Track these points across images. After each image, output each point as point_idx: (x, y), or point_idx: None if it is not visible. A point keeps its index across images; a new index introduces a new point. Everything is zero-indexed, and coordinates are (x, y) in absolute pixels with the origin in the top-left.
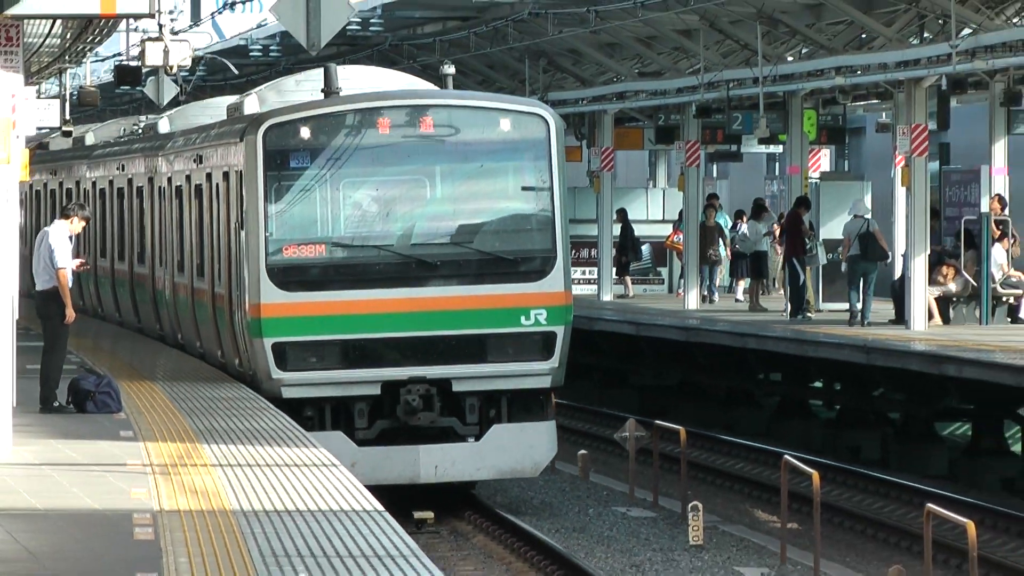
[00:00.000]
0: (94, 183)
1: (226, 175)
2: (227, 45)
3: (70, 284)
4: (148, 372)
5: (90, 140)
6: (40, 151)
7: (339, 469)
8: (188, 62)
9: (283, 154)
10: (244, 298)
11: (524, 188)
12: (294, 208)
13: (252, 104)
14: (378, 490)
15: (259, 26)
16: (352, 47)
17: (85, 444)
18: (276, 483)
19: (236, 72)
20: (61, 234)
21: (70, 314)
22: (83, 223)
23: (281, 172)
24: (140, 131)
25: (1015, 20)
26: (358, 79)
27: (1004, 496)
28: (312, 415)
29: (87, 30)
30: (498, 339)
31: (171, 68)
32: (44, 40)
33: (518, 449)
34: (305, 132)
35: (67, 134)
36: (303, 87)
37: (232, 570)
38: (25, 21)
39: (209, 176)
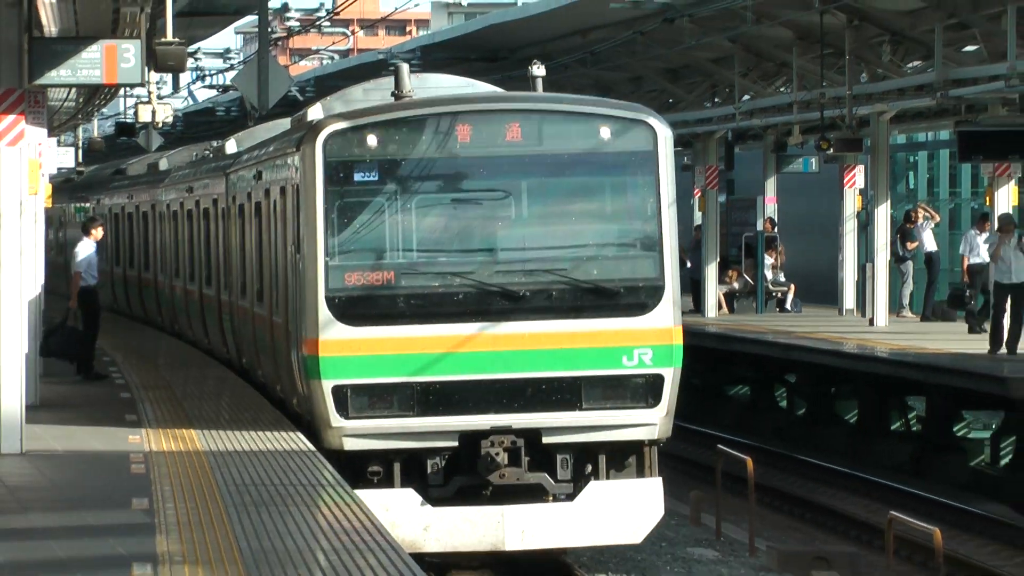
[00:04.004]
0: (167, 205)
1: (283, 191)
2: (199, 107)
3: (85, 283)
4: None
5: (163, 165)
6: (118, 176)
7: (285, 422)
8: (171, 119)
9: (346, 166)
10: (300, 332)
11: (627, 207)
12: (358, 229)
13: (316, 114)
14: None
15: (223, 92)
16: (293, 107)
17: (95, 406)
18: (236, 434)
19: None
20: (85, 248)
21: (73, 303)
22: (101, 228)
23: (344, 187)
24: (210, 154)
25: (782, 89)
26: (433, 85)
27: (775, 440)
28: (378, 470)
29: (95, 95)
30: (596, 383)
31: (158, 123)
32: (63, 103)
33: (618, 511)
34: (372, 140)
35: (79, 174)
36: (372, 96)
37: (204, 493)
38: (48, 88)
39: (267, 193)
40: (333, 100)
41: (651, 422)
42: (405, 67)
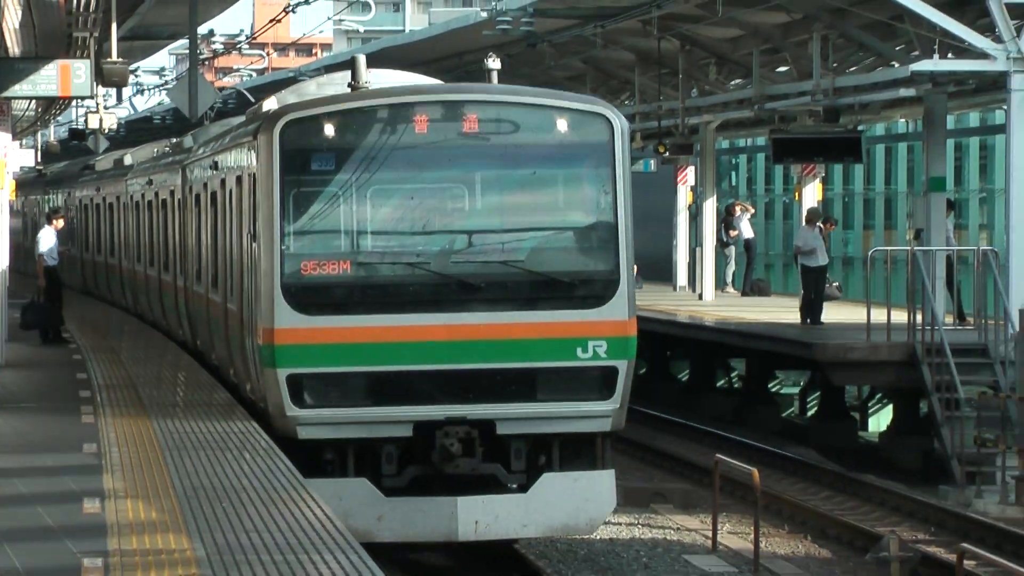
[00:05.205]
0: (131, 197)
1: (239, 180)
2: (139, 115)
3: (47, 264)
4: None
5: (128, 161)
6: (88, 171)
7: (220, 389)
8: (115, 126)
9: (303, 155)
10: (256, 320)
11: (583, 199)
12: (315, 218)
13: (271, 105)
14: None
15: (159, 104)
16: (219, 116)
17: (53, 366)
18: (176, 390)
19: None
20: (47, 234)
21: (41, 283)
22: (62, 220)
23: (300, 175)
24: (169, 150)
25: (626, 102)
26: (386, 80)
27: (634, 399)
28: (332, 459)
29: (52, 105)
30: (550, 374)
31: (104, 129)
32: (24, 112)
33: (571, 502)
34: (329, 129)
35: (40, 172)
36: (325, 90)
37: (143, 438)
38: (12, 100)
39: (223, 183)
40: (287, 93)
41: (605, 414)
42: (362, 58)
